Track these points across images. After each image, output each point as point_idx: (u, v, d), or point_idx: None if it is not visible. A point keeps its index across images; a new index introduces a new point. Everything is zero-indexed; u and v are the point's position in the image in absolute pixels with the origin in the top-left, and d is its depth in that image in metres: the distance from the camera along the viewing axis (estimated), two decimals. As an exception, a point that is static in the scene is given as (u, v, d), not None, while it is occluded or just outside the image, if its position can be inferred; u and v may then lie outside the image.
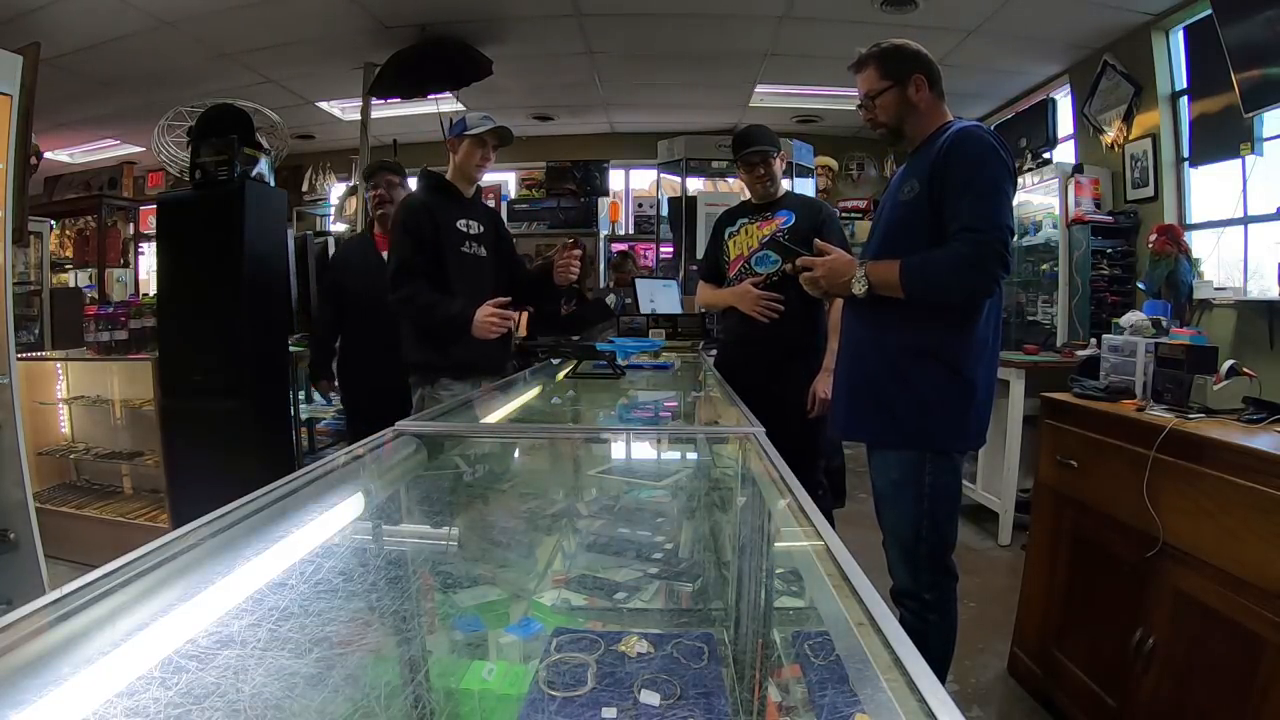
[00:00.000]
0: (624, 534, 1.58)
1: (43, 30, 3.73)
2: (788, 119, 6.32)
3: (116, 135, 6.27)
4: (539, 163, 6.82)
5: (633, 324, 3.12)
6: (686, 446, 1.70)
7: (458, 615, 1.25)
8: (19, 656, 0.47)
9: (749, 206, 2.54)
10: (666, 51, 4.90)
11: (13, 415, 2.28)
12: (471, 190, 2.46)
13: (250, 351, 3.03)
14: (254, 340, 3.04)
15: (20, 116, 2.29)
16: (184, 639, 0.54)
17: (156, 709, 0.48)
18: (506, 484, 1.64)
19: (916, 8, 4.01)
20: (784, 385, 2.33)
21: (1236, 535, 1.38)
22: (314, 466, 0.93)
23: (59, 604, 0.53)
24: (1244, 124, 3.39)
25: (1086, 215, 4.22)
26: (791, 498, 0.86)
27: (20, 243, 2.86)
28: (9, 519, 2.28)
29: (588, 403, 2.06)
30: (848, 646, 0.53)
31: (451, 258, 2.29)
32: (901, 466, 1.65)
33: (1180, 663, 1.53)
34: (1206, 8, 3.44)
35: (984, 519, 3.63)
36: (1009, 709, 2.10)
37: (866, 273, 1.63)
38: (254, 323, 3.03)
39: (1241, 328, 3.43)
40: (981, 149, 1.55)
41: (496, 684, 1.05)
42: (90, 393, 3.54)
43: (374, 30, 4.36)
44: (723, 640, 1.16)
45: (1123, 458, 1.72)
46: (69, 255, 6.31)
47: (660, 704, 0.92)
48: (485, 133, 2.32)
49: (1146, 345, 1.88)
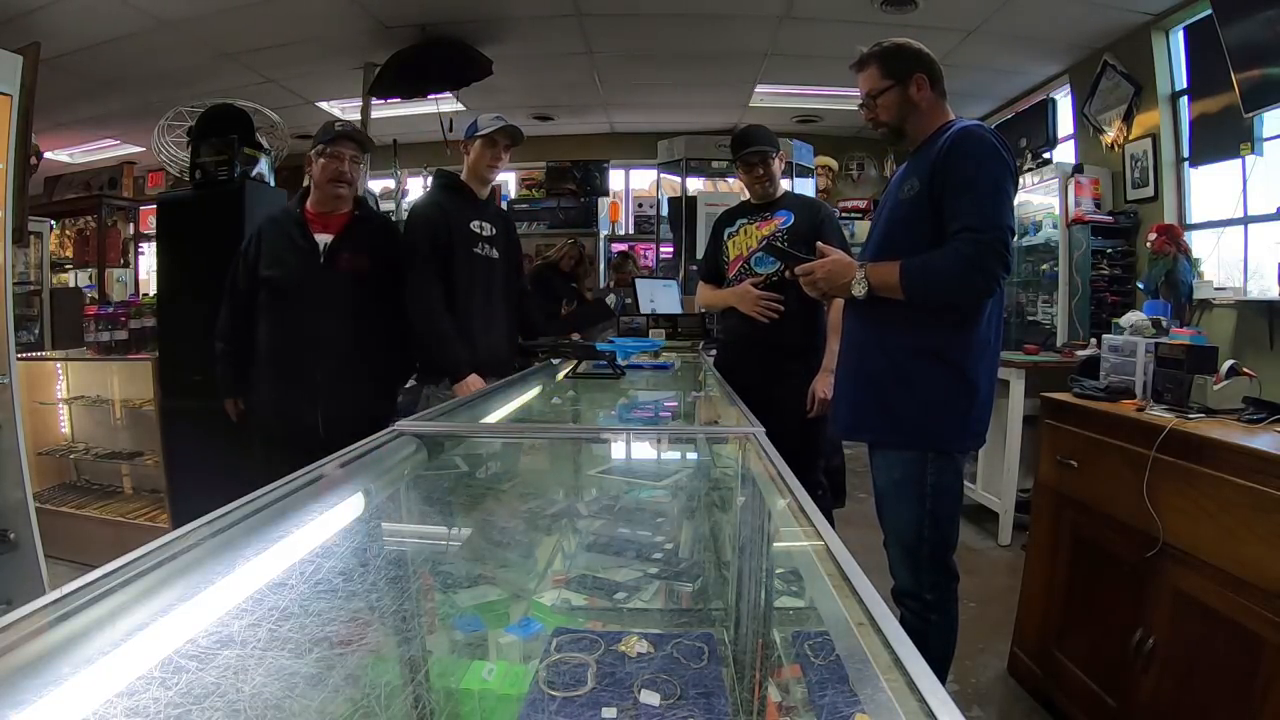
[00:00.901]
0: (624, 534, 1.58)
1: (43, 30, 3.73)
2: (788, 119, 6.32)
3: (116, 135, 6.27)
4: (539, 163, 6.82)
5: (633, 324, 3.12)
6: (686, 446, 1.70)
7: (458, 615, 1.25)
8: (19, 656, 0.47)
9: (748, 207, 2.54)
10: (666, 51, 4.90)
11: (13, 415, 2.28)
12: (485, 191, 2.47)
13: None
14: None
15: (20, 116, 2.29)
16: (184, 639, 0.54)
17: (156, 709, 0.48)
18: (507, 484, 1.64)
19: (916, 8, 4.01)
20: (784, 385, 2.33)
21: (1236, 535, 1.38)
22: (314, 466, 0.93)
23: (59, 604, 0.53)
24: (1244, 124, 3.39)
25: (1086, 215, 4.22)
26: (791, 498, 0.86)
27: (20, 243, 2.87)
28: (9, 519, 2.28)
29: (588, 403, 2.06)
30: (848, 646, 0.53)
31: (463, 258, 2.32)
32: (903, 466, 1.65)
33: (1180, 663, 1.53)
34: (1206, 8, 3.44)
35: (984, 519, 3.63)
36: (1009, 709, 2.10)
37: (866, 274, 1.63)
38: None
39: (1241, 328, 3.43)
40: (982, 148, 1.55)
41: (496, 684, 1.05)
42: (90, 393, 3.54)
43: (374, 30, 4.36)
44: (723, 640, 1.16)
45: (1123, 458, 1.72)
46: (69, 255, 6.30)
47: (660, 704, 0.92)
48: (495, 132, 2.34)
49: (1146, 345, 1.88)
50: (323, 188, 2.23)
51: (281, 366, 2.20)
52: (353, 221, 2.27)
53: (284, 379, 2.20)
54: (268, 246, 2.26)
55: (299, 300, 2.18)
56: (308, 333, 2.17)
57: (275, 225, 2.29)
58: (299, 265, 2.19)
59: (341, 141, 2.22)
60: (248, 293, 2.26)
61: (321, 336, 2.16)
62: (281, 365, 2.20)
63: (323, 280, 2.18)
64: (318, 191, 2.25)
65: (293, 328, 2.18)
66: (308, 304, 2.17)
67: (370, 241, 2.28)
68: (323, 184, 2.22)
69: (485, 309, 2.38)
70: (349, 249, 2.22)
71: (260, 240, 2.29)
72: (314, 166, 2.22)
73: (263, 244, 2.27)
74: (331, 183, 2.20)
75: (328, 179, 2.20)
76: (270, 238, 2.27)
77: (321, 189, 2.23)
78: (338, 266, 2.20)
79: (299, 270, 2.19)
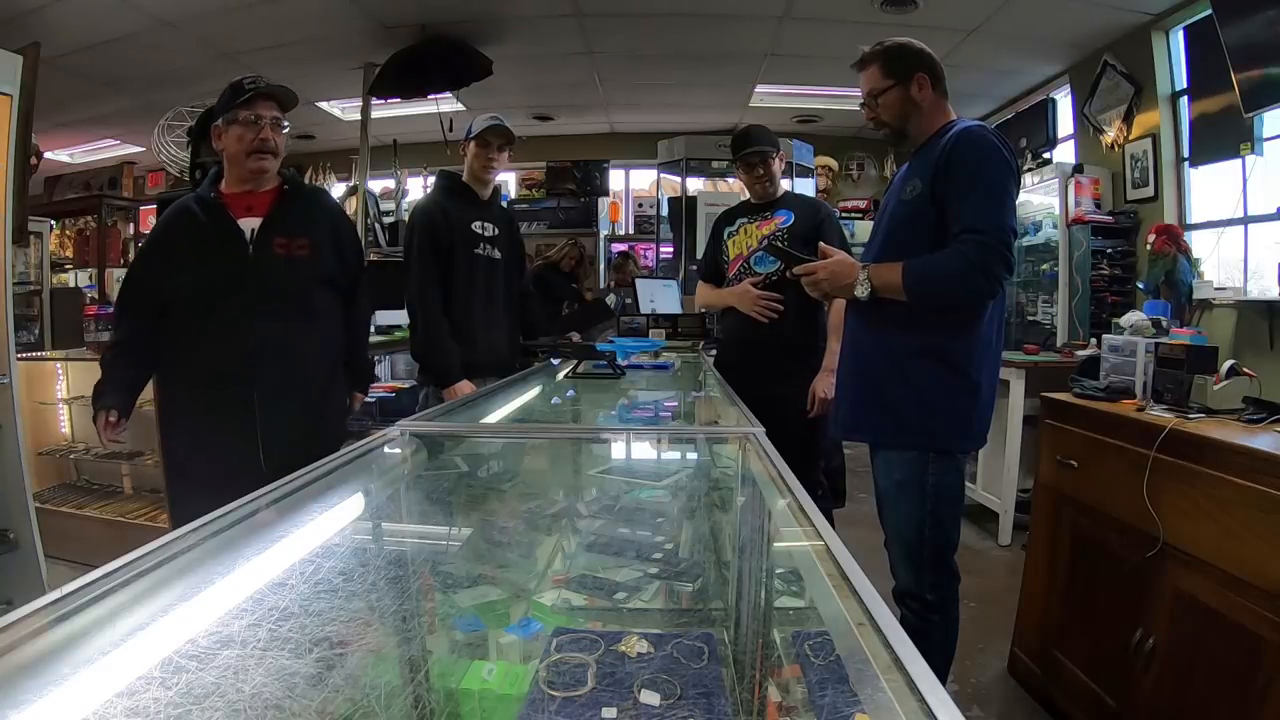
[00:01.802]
0: (624, 534, 1.58)
1: (43, 30, 3.73)
2: (788, 119, 6.32)
3: (116, 135, 6.27)
4: (539, 163, 6.82)
5: (633, 324, 3.12)
6: (686, 446, 1.70)
7: (458, 615, 1.25)
8: (19, 656, 0.47)
9: (748, 206, 2.54)
10: (666, 51, 4.90)
11: (13, 415, 2.28)
12: (487, 192, 2.47)
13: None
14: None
15: (20, 116, 2.30)
16: (184, 639, 0.54)
17: (156, 709, 0.48)
18: (507, 484, 1.64)
19: (916, 8, 4.01)
20: (784, 385, 2.32)
21: (1236, 535, 1.38)
22: (314, 466, 0.93)
23: (59, 604, 0.53)
24: (1244, 124, 3.39)
25: (1086, 215, 4.22)
26: (791, 498, 0.86)
27: (20, 243, 2.87)
28: (9, 519, 2.28)
29: (588, 403, 2.06)
30: (848, 646, 0.53)
31: (465, 258, 2.32)
32: (905, 466, 1.65)
33: (1180, 663, 1.53)
34: (1206, 8, 3.44)
35: (984, 519, 3.63)
36: (1009, 709, 2.09)
37: (869, 275, 1.63)
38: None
39: (1241, 328, 3.43)
40: (984, 149, 1.55)
41: (496, 684, 1.05)
42: (90, 393, 3.54)
43: (374, 30, 4.36)
44: (723, 640, 1.16)
45: (1123, 458, 1.72)
46: (69, 255, 6.31)
47: (660, 704, 0.92)
48: (485, 131, 2.34)
49: (1146, 345, 1.88)
50: (239, 162, 1.75)
51: (210, 391, 1.73)
52: (282, 198, 1.81)
53: (212, 407, 1.73)
54: (177, 243, 1.77)
55: (225, 303, 1.71)
56: (238, 344, 1.71)
57: (182, 217, 1.78)
58: (223, 259, 1.73)
59: (259, 102, 1.73)
60: (152, 309, 1.76)
61: (255, 347, 1.71)
62: (210, 389, 1.73)
63: (254, 274, 1.73)
64: (234, 168, 1.77)
65: (219, 340, 1.72)
66: (238, 307, 1.71)
67: (306, 219, 1.84)
68: (239, 157, 1.74)
69: (486, 309, 2.38)
70: (282, 232, 1.77)
71: (165, 238, 1.82)
72: (225, 138, 1.75)
73: (170, 242, 1.79)
74: (253, 155, 1.73)
75: (247, 150, 1.73)
76: (179, 233, 1.77)
77: (238, 164, 1.76)
78: (272, 253, 1.75)
79: (223, 266, 1.72)
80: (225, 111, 1.74)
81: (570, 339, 2.87)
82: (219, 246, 1.74)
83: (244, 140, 1.74)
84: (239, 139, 1.73)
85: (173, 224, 1.81)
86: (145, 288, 1.80)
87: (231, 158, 1.77)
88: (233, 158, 1.77)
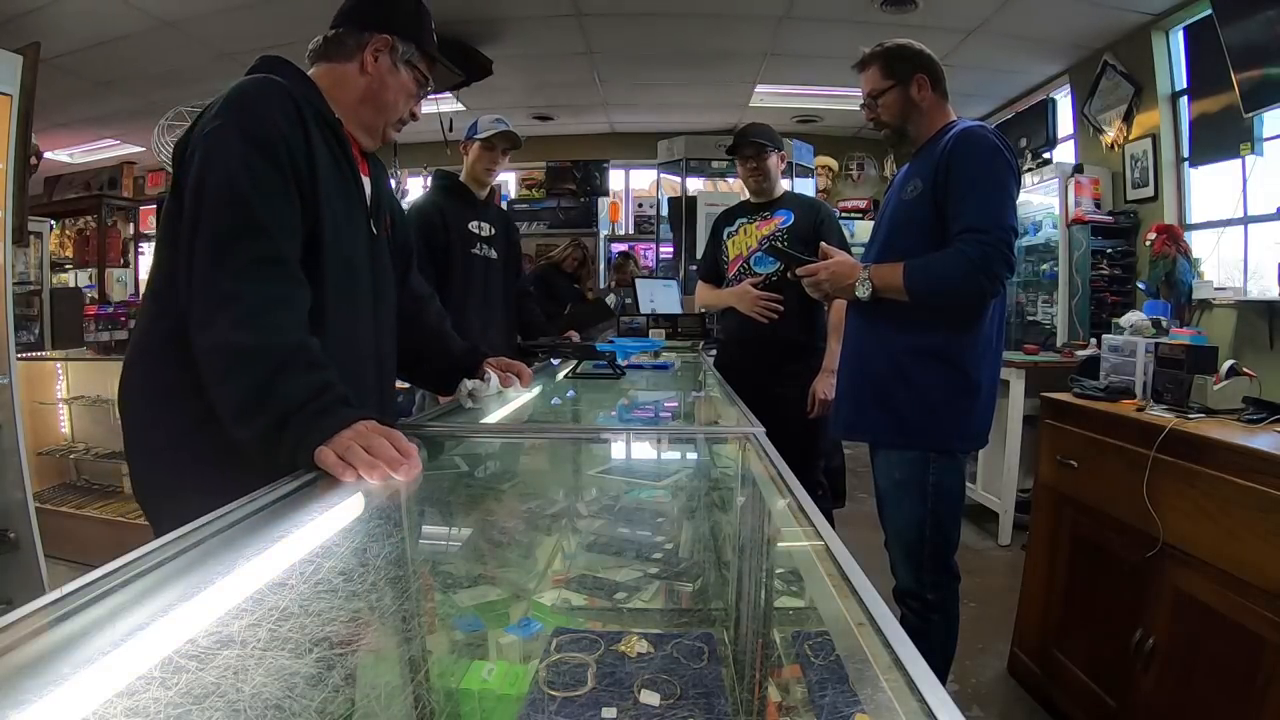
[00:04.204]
0: (624, 534, 1.57)
1: (43, 30, 3.73)
2: (788, 119, 6.32)
3: (116, 135, 6.27)
4: (539, 163, 6.82)
5: (633, 324, 3.12)
6: (686, 446, 1.70)
7: (458, 615, 1.25)
8: (19, 656, 0.47)
9: (748, 206, 2.54)
10: (666, 51, 4.90)
11: (13, 415, 2.28)
12: (484, 192, 2.47)
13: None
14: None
15: (20, 116, 2.29)
16: (184, 639, 0.54)
17: (156, 709, 0.48)
18: (506, 484, 1.64)
19: (916, 8, 4.01)
20: (784, 385, 2.33)
21: (1236, 535, 1.38)
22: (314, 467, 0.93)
23: (59, 604, 0.53)
24: (1244, 124, 3.39)
25: (1086, 215, 4.22)
26: (791, 498, 0.86)
27: (20, 243, 2.86)
28: (9, 519, 2.28)
29: (588, 403, 2.06)
30: (848, 646, 0.53)
31: (461, 259, 2.32)
32: (906, 466, 1.65)
33: (1180, 663, 1.53)
34: (1206, 8, 3.44)
35: (984, 519, 3.63)
36: (1009, 709, 2.10)
37: (870, 276, 1.63)
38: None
39: (1241, 328, 3.43)
40: (985, 149, 1.55)
41: (496, 684, 1.05)
42: (90, 393, 3.54)
43: (374, 30, 4.35)
44: (723, 640, 1.16)
45: (1123, 458, 1.72)
46: (69, 255, 6.30)
47: (660, 704, 0.92)
48: (493, 136, 2.34)
49: (1146, 345, 1.88)
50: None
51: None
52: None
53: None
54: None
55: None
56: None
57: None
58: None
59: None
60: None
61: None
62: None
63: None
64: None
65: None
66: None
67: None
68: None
69: (483, 309, 2.38)
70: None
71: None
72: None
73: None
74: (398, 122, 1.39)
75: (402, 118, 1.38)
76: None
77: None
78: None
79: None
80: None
81: (570, 339, 2.87)
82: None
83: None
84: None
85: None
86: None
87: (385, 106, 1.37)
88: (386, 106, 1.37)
